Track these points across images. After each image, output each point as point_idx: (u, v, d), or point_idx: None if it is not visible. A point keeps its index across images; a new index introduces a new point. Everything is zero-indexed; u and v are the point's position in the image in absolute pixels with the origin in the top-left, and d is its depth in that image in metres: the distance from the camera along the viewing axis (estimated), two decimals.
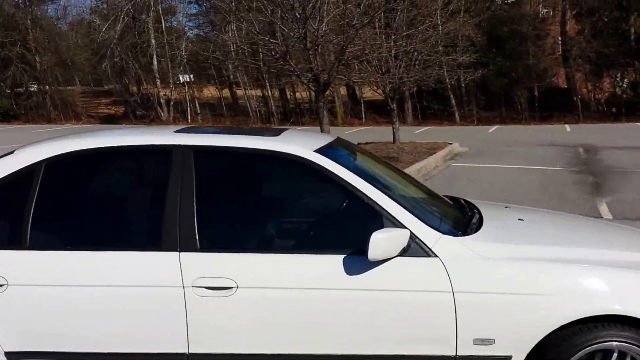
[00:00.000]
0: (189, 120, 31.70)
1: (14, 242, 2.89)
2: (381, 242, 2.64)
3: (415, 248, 2.78)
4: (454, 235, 2.89)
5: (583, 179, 11.15)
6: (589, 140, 18.03)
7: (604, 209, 8.45)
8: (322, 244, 2.89)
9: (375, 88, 16.20)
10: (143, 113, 31.78)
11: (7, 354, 2.84)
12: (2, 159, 3.07)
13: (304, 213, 3.18)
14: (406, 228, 2.77)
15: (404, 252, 2.75)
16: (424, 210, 3.09)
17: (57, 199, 3.02)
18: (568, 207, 8.33)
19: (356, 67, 12.77)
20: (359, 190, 2.86)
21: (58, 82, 34.45)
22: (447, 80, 22.93)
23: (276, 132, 3.32)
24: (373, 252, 2.65)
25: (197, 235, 2.84)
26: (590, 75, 29.46)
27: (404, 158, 13.23)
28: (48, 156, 2.98)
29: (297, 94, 33.05)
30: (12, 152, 3.12)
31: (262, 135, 3.19)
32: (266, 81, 31.08)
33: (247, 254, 2.83)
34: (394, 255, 2.72)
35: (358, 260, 2.75)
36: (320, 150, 3.03)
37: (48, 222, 2.95)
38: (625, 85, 29.26)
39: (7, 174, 2.97)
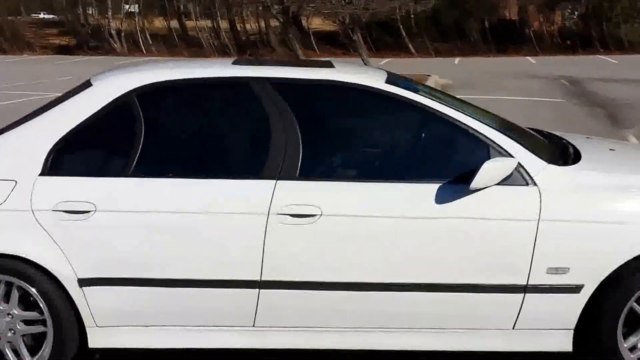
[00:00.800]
0: (144, 52, 30.60)
1: (104, 169, 2.93)
2: (490, 171, 2.62)
3: (515, 177, 2.74)
4: (557, 165, 2.84)
5: (593, 111, 11.08)
6: (563, 72, 17.93)
7: (634, 141, 8.29)
8: (412, 173, 2.86)
9: (334, 20, 15.73)
10: (96, 44, 30.54)
11: (80, 280, 2.81)
12: (84, 92, 3.04)
13: (383, 143, 3.10)
14: (513, 157, 2.73)
15: (503, 181, 2.70)
16: (525, 139, 3.02)
17: (141, 130, 2.92)
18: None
19: None
20: (458, 120, 2.84)
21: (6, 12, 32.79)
22: (397, 11, 22.53)
23: (328, 64, 3.31)
24: (478, 181, 2.62)
25: (278, 163, 2.81)
26: (543, 7, 29.55)
27: None
28: (136, 86, 2.95)
29: (248, 26, 32.16)
30: (89, 84, 3.09)
31: (319, 66, 3.22)
32: (217, 11, 30.05)
33: (339, 182, 2.82)
34: (493, 184, 2.68)
35: (453, 188, 2.72)
36: (390, 81, 3.02)
37: (139, 150, 2.88)
38: (575, 17, 29.54)
39: (94, 105, 2.93)
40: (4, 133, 3.01)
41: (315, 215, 2.73)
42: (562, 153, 3.15)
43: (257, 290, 2.79)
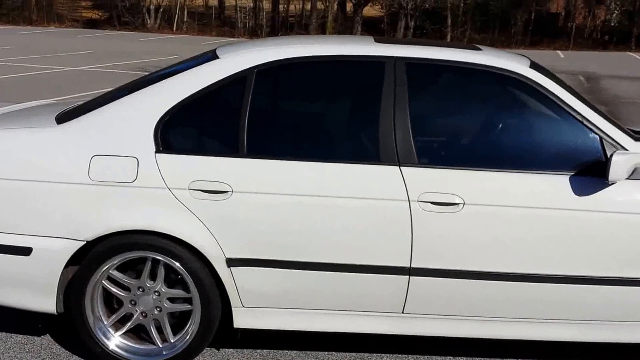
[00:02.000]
0: (174, 29, 30.65)
1: (235, 150, 2.87)
2: (622, 163, 2.66)
3: (638, 172, 2.78)
4: None
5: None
6: (586, 68, 18.19)
7: None
8: (544, 163, 2.87)
9: (386, 6, 15.80)
10: (128, 19, 30.52)
11: (228, 260, 2.86)
12: (208, 64, 3.01)
13: (524, 132, 3.07)
14: (632, 152, 2.76)
15: (631, 175, 2.76)
16: (633, 135, 3.01)
17: (272, 108, 3.02)
18: None
19: None
20: (579, 112, 2.85)
21: None
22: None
23: (475, 47, 3.25)
24: (614, 173, 2.66)
25: (414, 149, 2.83)
26: (592, 1, 29.23)
27: None
28: (259, 63, 2.91)
29: (292, 7, 32.11)
30: (215, 57, 3.05)
31: (465, 48, 3.15)
32: None
33: (473, 171, 2.82)
34: (625, 178, 2.74)
35: (589, 180, 2.77)
36: (534, 67, 3.00)
37: (267, 130, 2.92)
38: (618, 13, 29.22)
39: (216, 80, 2.90)
40: (106, 104, 2.93)
41: (458, 204, 2.78)
42: None
43: (408, 277, 2.84)
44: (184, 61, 3.31)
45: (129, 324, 3.02)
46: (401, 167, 2.82)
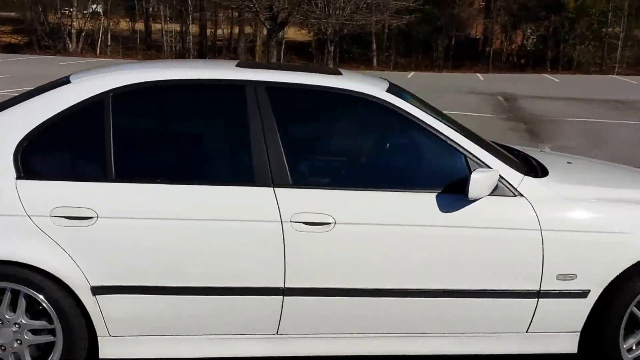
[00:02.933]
0: (97, 53, 30.00)
1: (101, 174, 2.77)
2: (480, 181, 2.71)
3: (502, 188, 2.86)
4: (532, 177, 2.98)
5: (516, 126, 11.67)
6: (504, 89, 18.79)
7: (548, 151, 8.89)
8: (411, 182, 2.91)
9: (314, 31, 16.00)
10: (49, 43, 29.69)
11: (93, 288, 2.74)
12: (60, 88, 2.91)
13: (390, 153, 3.16)
14: (493, 169, 2.83)
15: (493, 192, 2.82)
16: (497, 152, 3.15)
17: (137, 132, 2.93)
18: None
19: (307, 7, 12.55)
20: (441, 132, 2.91)
21: None
22: (374, 25, 23.05)
23: (336, 71, 3.29)
24: (473, 191, 2.72)
25: (288, 171, 2.81)
26: (508, 27, 30.56)
27: None
28: (114, 87, 2.84)
29: (219, 31, 32.03)
30: (67, 81, 2.97)
31: (326, 73, 3.18)
32: (190, 15, 29.82)
33: (343, 191, 2.84)
34: (486, 195, 2.79)
35: (452, 198, 2.81)
36: (391, 91, 3.05)
37: (133, 154, 2.86)
38: (534, 38, 30.63)
39: (72, 104, 2.81)
40: None
41: (330, 223, 2.76)
42: (531, 166, 3.28)
43: (282, 297, 2.79)
44: (41, 86, 3.16)
45: None
46: (275, 189, 2.79)
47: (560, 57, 28.75)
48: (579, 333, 2.98)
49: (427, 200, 2.82)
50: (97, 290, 2.72)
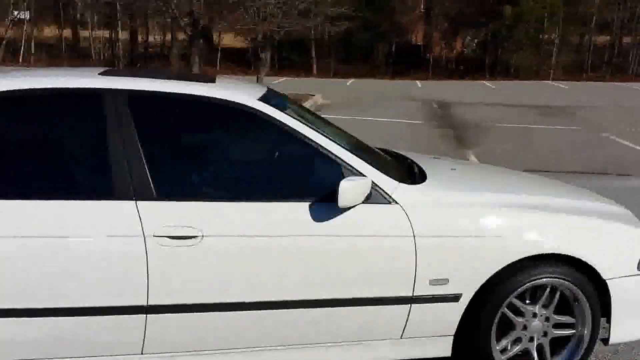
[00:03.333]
0: (20, 61, 29.19)
1: None
2: (350, 189, 2.72)
3: (376, 196, 2.88)
4: (408, 184, 3.02)
5: (446, 132, 11.95)
6: (440, 96, 19.29)
7: (473, 160, 9.16)
8: (283, 192, 2.89)
9: (246, 36, 15.98)
10: None
11: None
12: None
13: (262, 163, 3.15)
14: (366, 177, 2.85)
15: (366, 200, 2.84)
16: (373, 160, 3.18)
17: None
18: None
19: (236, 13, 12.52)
20: (313, 141, 2.90)
21: None
22: (313, 31, 23.20)
23: (210, 78, 3.23)
24: (343, 199, 2.72)
25: (151, 184, 2.74)
26: (447, 33, 31.30)
27: None
28: None
29: (151, 38, 31.64)
30: None
31: (199, 80, 3.11)
32: (118, 21, 29.35)
33: (212, 203, 2.79)
34: (359, 203, 2.81)
35: (325, 207, 2.81)
36: (264, 99, 3.02)
37: None
38: (474, 45, 31.48)
39: None
40: None
41: (197, 237, 2.71)
42: (409, 172, 3.34)
43: (145, 315, 2.72)
44: None
45: None
46: (137, 202, 2.71)
47: (499, 63, 29.65)
48: (452, 337, 3.03)
49: (299, 210, 2.80)
50: None
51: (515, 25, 29.07)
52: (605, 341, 3.18)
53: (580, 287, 3.05)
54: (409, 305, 2.94)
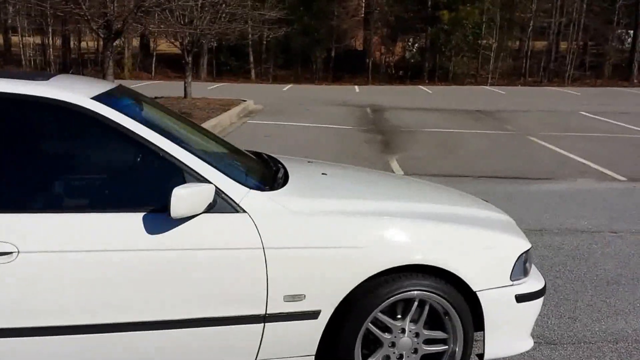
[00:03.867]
0: None
1: None
2: (183, 197, 2.49)
3: (221, 204, 2.66)
4: (261, 190, 2.81)
5: (373, 137, 11.85)
6: (376, 101, 19.26)
7: (395, 165, 9.05)
8: (116, 202, 2.67)
9: (173, 40, 15.64)
10: None
11: None
12: None
13: (90, 168, 2.88)
14: (210, 183, 2.65)
15: (210, 209, 2.62)
16: (227, 164, 2.98)
17: None
18: (362, 164, 8.77)
19: (157, 15, 12.14)
20: (152, 143, 2.67)
21: None
22: (250, 36, 22.92)
23: (47, 76, 2.98)
24: (176, 209, 2.49)
25: None
26: (387, 38, 31.51)
27: (197, 114, 12.97)
28: None
29: (83, 44, 30.83)
30: None
31: (31, 78, 2.85)
32: (49, 27, 28.50)
33: (28, 214, 2.54)
34: (199, 212, 2.58)
35: (159, 218, 2.57)
36: (100, 98, 2.76)
37: None
38: (414, 50, 31.78)
39: None
40: None
41: (12, 253, 2.47)
42: (272, 178, 3.15)
43: None
44: None
45: None
46: None
47: (438, 68, 29.98)
48: (313, 357, 2.84)
49: (130, 221, 2.57)
50: None
51: (454, 30, 29.46)
52: (481, 357, 3.02)
53: (449, 300, 2.90)
54: (262, 324, 2.72)
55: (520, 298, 2.99)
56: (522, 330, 3.07)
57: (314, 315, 2.75)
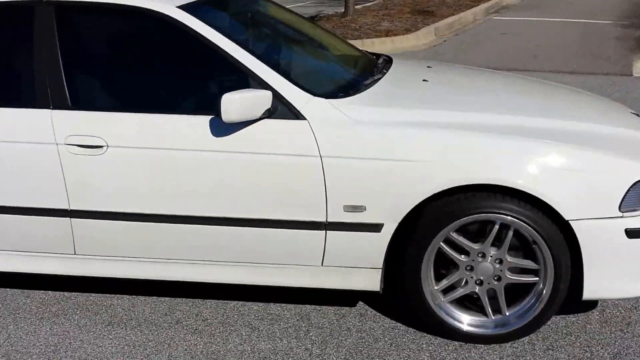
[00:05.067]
0: None
1: None
2: (234, 103, 2.55)
3: (283, 110, 2.69)
4: (327, 97, 2.75)
5: (629, 33, 10.35)
6: None
7: (638, 66, 7.91)
8: (190, 105, 2.86)
9: None
10: None
11: None
12: None
13: (172, 74, 3.04)
14: (271, 89, 2.67)
15: (271, 114, 2.67)
16: (301, 70, 2.96)
17: None
18: (598, 63, 7.84)
19: None
20: (223, 50, 2.76)
21: None
22: None
23: None
24: (226, 114, 2.57)
25: (67, 93, 2.86)
26: None
27: (442, 12, 12.54)
28: None
29: None
30: None
31: None
32: None
33: (115, 114, 2.85)
34: (258, 117, 2.64)
35: (221, 121, 2.67)
36: (187, 6, 2.90)
37: None
38: None
39: None
40: None
41: (102, 146, 2.80)
42: (352, 84, 3.04)
43: (69, 219, 2.92)
44: None
45: None
46: (53, 111, 2.86)
47: None
48: (380, 270, 2.78)
49: (200, 123, 2.73)
50: None
51: None
52: (579, 296, 2.66)
53: (536, 228, 2.57)
54: (324, 231, 2.73)
55: (633, 233, 2.53)
56: (633, 270, 2.61)
57: (376, 227, 2.68)
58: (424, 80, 3.22)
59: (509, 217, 2.57)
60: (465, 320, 2.79)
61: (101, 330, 2.98)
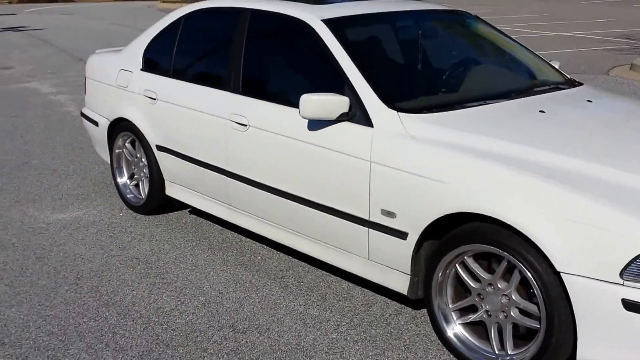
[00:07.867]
0: None
1: (162, 70, 4.45)
2: (311, 103, 3.12)
3: (360, 116, 3.18)
4: (405, 111, 3.07)
5: None
6: None
7: None
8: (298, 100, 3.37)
9: None
10: None
11: (157, 146, 4.46)
12: (167, 15, 4.71)
13: (302, 75, 3.71)
14: (355, 95, 3.20)
15: (350, 118, 3.20)
16: (395, 81, 3.44)
17: (181, 44, 4.44)
18: None
19: None
20: (336, 59, 3.36)
21: None
22: None
23: (312, 1, 3.98)
24: (303, 111, 3.15)
25: (241, 81, 3.84)
26: None
27: None
28: (185, 13, 4.51)
29: None
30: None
31: (299, 1, 3.96)
32: None
33: (256, 100, 3.71)
34: (334, 118, 3.18)
35: (320, 120, 3.29)
36: (332, 20, 3.56)
37: (181, 58, 4.39)
38: None
39: (167, 23, 4.62)
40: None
41: (246, 125, 3.69)
42: (447, 102, 3.28)
43: (226, 177, 3.90)
44: None
45: None
46: (229, 94, 3.88)
47: None
48: (408, 276, 3.04)
49: (297, 116, 3.43)
50: (158, 148, 4.45)
51: None
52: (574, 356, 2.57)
53: (531, 271, 2.59)
54: (367, 228, 3.17)
55: (631, 306, 2.34)
56: (629, 345, 2.39)
57: (403, 235, 2.99)
58: (540, 111, 3.25)
59: (513, 257, 2.62)
60: (471, 346, 2.92)
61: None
